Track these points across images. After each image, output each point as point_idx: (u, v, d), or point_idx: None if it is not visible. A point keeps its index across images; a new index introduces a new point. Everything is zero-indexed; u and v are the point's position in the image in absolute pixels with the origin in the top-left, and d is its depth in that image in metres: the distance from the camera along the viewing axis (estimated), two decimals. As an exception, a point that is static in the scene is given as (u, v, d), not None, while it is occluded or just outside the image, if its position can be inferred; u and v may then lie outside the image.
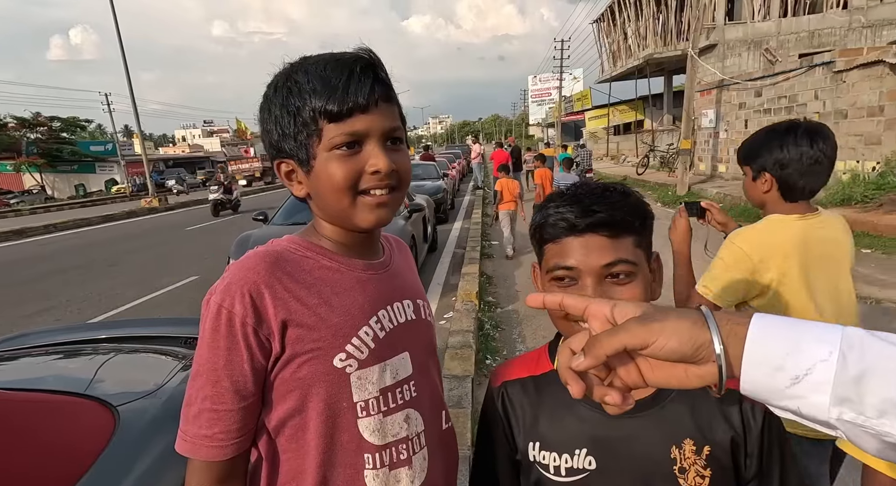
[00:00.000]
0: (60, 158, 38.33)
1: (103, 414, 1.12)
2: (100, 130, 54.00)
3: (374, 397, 0.71)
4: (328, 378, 0.68)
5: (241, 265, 0.67)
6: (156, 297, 6.20)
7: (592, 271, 0.66)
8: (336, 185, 0.67)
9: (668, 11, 20.00)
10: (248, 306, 0.64)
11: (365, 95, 0.65)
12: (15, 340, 1.79)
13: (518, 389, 0.79)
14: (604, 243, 0.66)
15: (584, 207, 0.67)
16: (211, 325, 0.64)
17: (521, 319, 4.60)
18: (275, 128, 0.68)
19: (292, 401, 0.68)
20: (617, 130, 30.42)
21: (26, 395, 1.07)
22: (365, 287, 0.74)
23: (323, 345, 0.67)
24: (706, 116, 13.83)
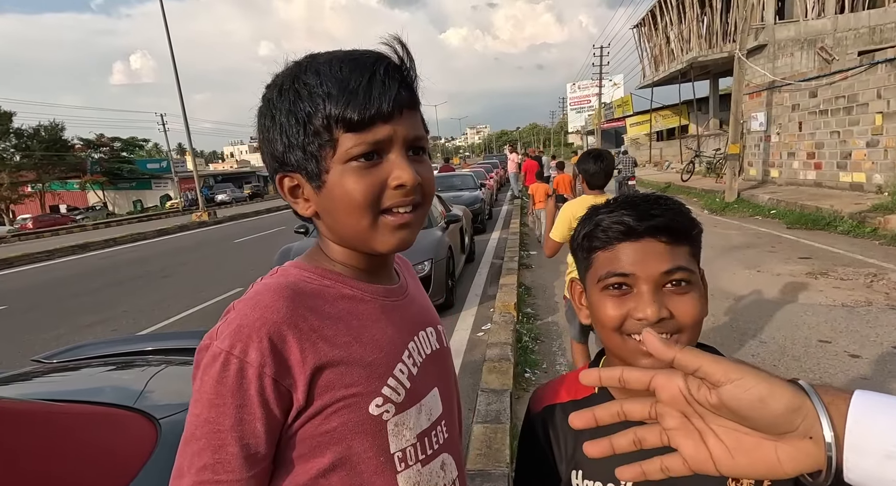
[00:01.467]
0: (120, 175, 40.90)
1: (146, 427, 1.14)
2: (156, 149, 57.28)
3: (411, 444, 0.61)
4: (363, 429, 0.57)
5: (254, 303, 0.55)
6: (204, 307, 6.44)
7: (651, 277, 0.62)
8: (354, 202, 0.57)
9: (712, 13, 19.40)
10: (266, 353, 0.53)
11: (389, 102, 0.56)
12: (70, 351, 1.88)
13: (560, 414, 0.75)
14: (662, 248, 0.63)
15: (641, 212, 0.64)
16: (215, 377, 0.52)
17: (562, 331, 4.49)
18: (279, 137, 0.58)
19: (319, 460, 0.57)
20: (660, 135, 29.61)
21: (75, 407, 1.11)
22: (391, 317, 0.64)
23: (357, 391, 0.57)
24: (756, 119, 13.24)
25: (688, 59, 20.30)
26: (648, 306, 0.61)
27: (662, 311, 0.61)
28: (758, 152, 13.75)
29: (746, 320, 4.26)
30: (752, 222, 9.19)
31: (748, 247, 7.06)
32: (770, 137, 13.01)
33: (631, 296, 0.63)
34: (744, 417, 0.36)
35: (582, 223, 0.70)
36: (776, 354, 3.56)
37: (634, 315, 0.62)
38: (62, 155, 37.31)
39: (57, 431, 1.00)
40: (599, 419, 0.43)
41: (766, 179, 13.33)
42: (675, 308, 0.62)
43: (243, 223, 19.33)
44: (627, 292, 0.64)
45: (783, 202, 9.80)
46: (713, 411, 0.38)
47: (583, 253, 0.70)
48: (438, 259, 5.08)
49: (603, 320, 0.65)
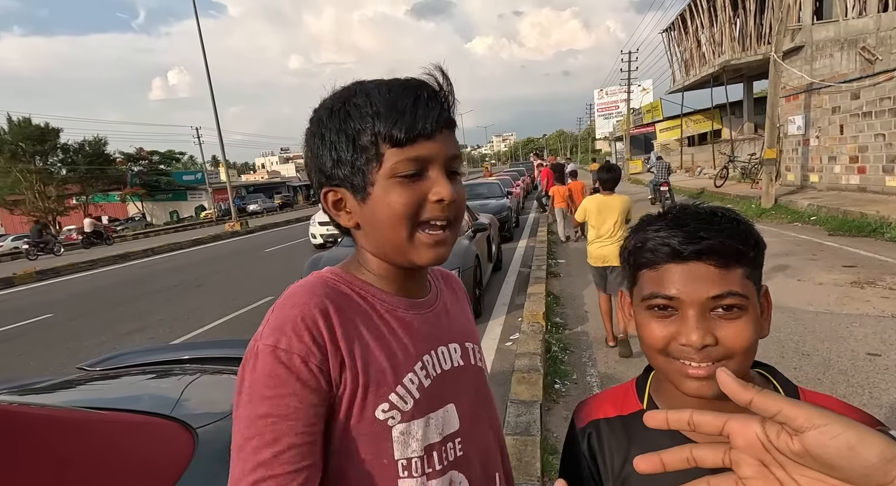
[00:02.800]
0: (158, 187, 42.46)
1: (184, 436, 1.17)
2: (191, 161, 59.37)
3: (417, 455, 0.63)
4: (369, 431, 0.60)
5: (292, 302, 0.60)
6: (237, 315, 6.59)
7: (697, 302, 0.59)
8: (396, 213, 0.61)
9: (745, 15, 18.93)
10: (309, 343, 0.57)
11: (432, 122, 0.61)
12: (112, 359, 1.95)
13: (606, 429, 0.72)
14: (711, 272, 0.59)
15: (689, 232, 0.60)
16: (266, 372, 0.56)
17: (592, 341, 4.40)
18: (328, 153, 0.63)
19: (339, 456, 0.61)
20: (691, 140, 28.96)
21: (118, 415, 1.14)
22: (409, 329, 0.67)
23: (367, 394, 0.60)
24: (793, 122, 12.82)
25: (720, 63, 19.82)
26: (693, 331, 0.58)
27: (707, 338, 0.58)
28: (796, 157, 13.27)
29: (787, 332, 4.09)
30: (791, 229, 8.86)
31: (787, 255, 6.80)
32: (809, 140, 12.55)
33: (676, 318, 0.61)
34: (831, 466, 0.33)
35: (630, 237, 0.67)
36: (820, 367, 3.40)
37: (678, 340, 0.60)
38: (104, 168, 39.03)
39: (101, 439, 1.03)
40: (668, 464, 0.40)
41: (805, 184, 12.84)
42: (723, 335, 0.59)
43: (274, 233, 19.76)
44: (672, 314, 0.61)
45: (824, 208, 9.42)
46: (795, 459, 0.35)
47: (630, 268, 0.67)
48: (465, 268, 5.07)
49: (647, 340, 0.63)
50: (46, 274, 12.66)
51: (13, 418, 0.89)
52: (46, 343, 6.22)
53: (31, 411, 0.96)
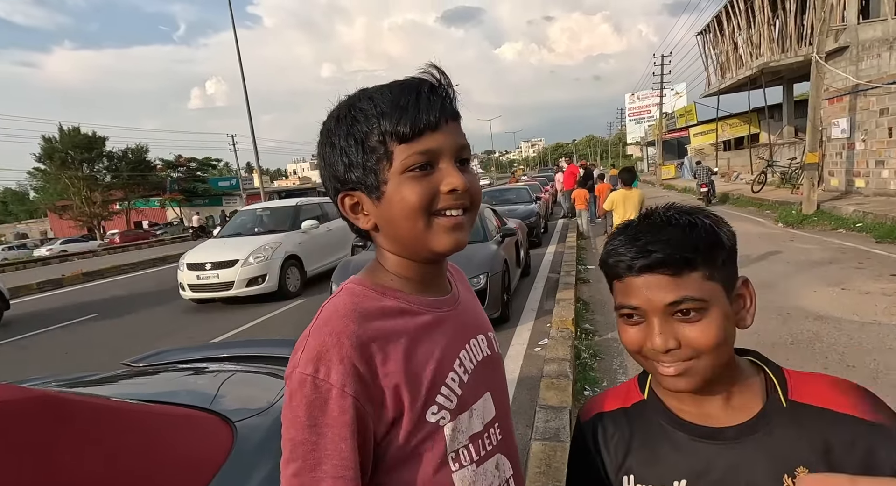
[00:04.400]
0: (195, 193, 43.90)
1: (223, 429, 1.21)
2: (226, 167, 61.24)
3: (463, 446, 0.66)
4: (422, 434, 0.63)
5: (328, 329, 0.60)
6: (268, 318, 6.75)
7: (656, 310, 0.64)
8: (411, 207, 0.63)
9: (785, 15, 18.36)
10: (346, 374, 0.58)
11: (435, 113, 0.63)
12: (155, 356, 2.03)
13: (609, 421, 0.76)
14: (664, 281, 0.63)
15: (639, 248, 0.64)
16: (304, 401, 0.58)
17: (622, 348, 4.29)
18: (340, 159, 0.65)
19: (390, 465, 0.63)
20: (727, 145, 28.16)
21: (162, 407, 1.20)
22: (444, 328, 0.69)
23: (415, 401, 0.62)
24: (837, 125, 12.32)
25: (758, 65, 19.25)
26: (656, 337, 0.63)
27: (670, 342, 0.63)
28: (840, 161, 12.74)
29: (830, 342, 3.92)
30: (835, 236, 8.49)
31: (831, 262, 6.52)
32: (854, 144, 12.03)
33: (643, 325, 0.66)
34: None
35: (604, 246, 0.72)
36: (867, 380, 3.24)
37: (646, 345, 0.65)
38: (146, 175, 40.67)
39: (147, 429, 1.08)
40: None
41: (850, 189, 12.30)
42: (686, 337, 0.63)
43: (305, 237, 20.12)
44: (640, 321, 0.66)
45: (871, 214, 8.99)
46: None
47: (605, 277, 0.72)
48: (494, 273, 5.06)
49: (624, 344, 0.69)
50: (92, 276, 13.26)
51: (66, 406, 0.94)
52: (90, 342, 6.51)
53: (84, 399, 1.01)
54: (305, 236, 8.64)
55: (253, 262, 7.55)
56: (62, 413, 0.92)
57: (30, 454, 0.82)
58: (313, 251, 8.67)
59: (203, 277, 7.62)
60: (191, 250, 8.21)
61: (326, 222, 9.27)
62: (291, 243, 8.26)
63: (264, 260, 7.63)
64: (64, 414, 0.92)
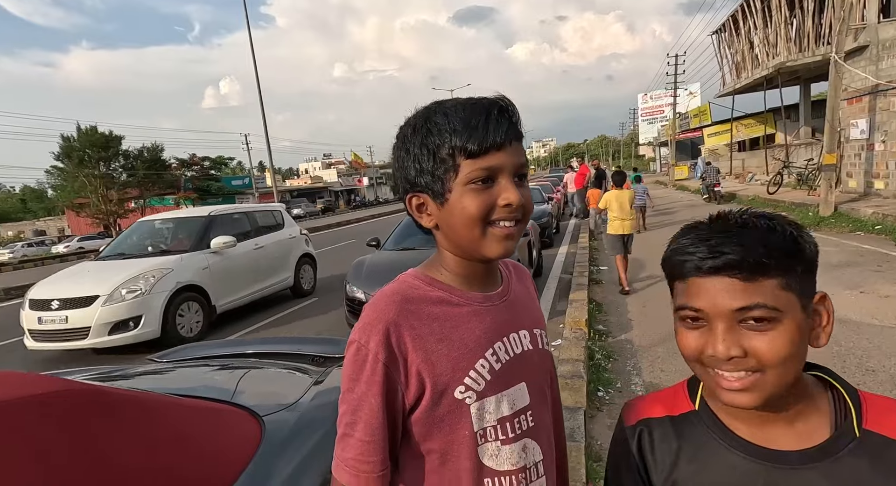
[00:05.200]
0: (209, 192, 44.38)
1: (252, 422, 1.25)
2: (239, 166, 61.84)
3: (492, 426, 0.74)
4: (450, 409, 0.72)
5: (374, 306, 0.73)
6: (283, 316, 6.82)
7: (722, 315, 0.59)
8: (470, 216, 0.70)
9: (803, 14, 18.08)
10: (380, 344, 0.69)
11: (502, 134, 0.70)
12: (180, 352, 2.08)
13: (656, 428, 0.73)
14: (735, 285, 0.59)
15: (710, 247, 0.60)
16: (351, 359, 0.71)
17: (636, 350, 4.31)
18: (412, 164, 0.73)
19: (423, 433, 0.73)
20: (742, 146, 27.80)
21: (192, 401, 1.23)
22: (482, 320, 0.77)
23: (445, 379, 0.72)
24: (856, 126, 12.12)
25: (774, 65, 18.98)
26: (719, 343, 0.59)
27: (734, 350, 0.58)
28: (859, 162, 12.53)
29: (849, 346, 3.87)
30: (853, 239, 8.36)
31: (849, 265, 6.43)
32: (874, 145, 11.83)
33: (705, 330, 0.62)
34: None
35: (669, 244, 0.68)
36: (887, 384, 3.21)
37: (706, 351, 0.61)
38: (161, 174, 41.20)
39: (182, 421, 1.11)
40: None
41: (868, 191, 12.10)
42: (753, 347, 0.58)
43: (316, 236, 20.26)
44: (702, 325, 0.62)
45: (890, 216, 8.84)
46: None
47: (666, 276, 0.69)
48: (507, 273, 5.05)
49: (682, 349, 0.65)
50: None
51: (109, 397, 0.98)
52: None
53: (125, 392, 1.05)
54: (216, 259, 6.26)
55: (122, 297, 5.21)
56: (106, 405, 0.96)
57: (79, 443, 0.86)
58: (228, 278, 6.39)
59: (47, 319, 5.18)
60: (43, 280, 5.82)
61: (257, 237, 7.15)
62: (190, 268, 5.91)
63: (140, 295, 5.29)
64: (108, 406, 0.96)
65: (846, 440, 0.60)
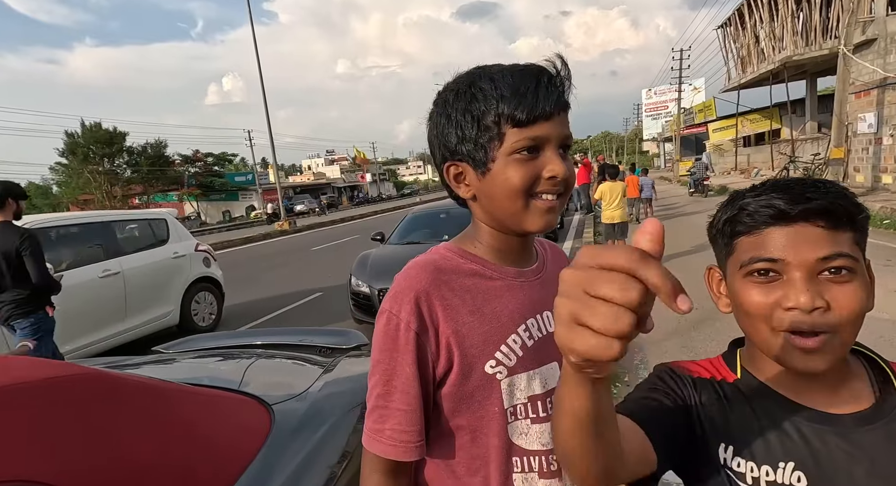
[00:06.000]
0: (212, 188, 44.53)
1: (261, 411, 1.23)
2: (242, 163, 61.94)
3: (522, 403, 0.73)
4: (481, 384, 0.71)
5: (406, 275, 0.72)
6: (287, 311, 6.82)
7: (805, 263, 0.56)
8: (513, 187, 0.67)
9: (810, 8, 17.93)
10: (412, 313, 0.68)
11: (551, 104, 0.66)
12: (185, 343, 2.07)
13: (703, 389, 0.68)
14: (820, 233, 0.56)
15: (796, 194, 0.58)
16: (382, 329, 0.70)
17: (644, 344, 4.28)
18: (454, 131, 0.70)
19: (452, 409, 0.72)
20: (747, 141, 27.67)
21: (201, 389, 1.21)
22: (515, 295, 0.75)
23: (475, 351, 0.70)
24: (864, 120, 12.01)
25: (781, 59, 18.85)
26: (801, 293, 0.55)
27: (818, 300, 0.54)
28: (866, 157, 12.42)
29: (859, 341, 3.83)
30: (861, 234, 8.28)
31: (857, 260, 6.36)
32: (882, 139, 11.72)
33: (780, 283, 0.57)
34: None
35: (723, 209, 0.65)
36: (899, 379, 3.17)
37: (784, 304, 0.56)
38: (164, 170, 41.33)
39: (193, 409, 1.09)
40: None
41: (876, 185, 12.00)
42: (835, 299, 0.55)
43: (320, 232, 20.29)
44: (776, 278, 0.58)
45: (899, 211, 8.77)
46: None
47: (724, 239, 0.64)
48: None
49: (748, 308, 0.60)
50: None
51: (119, 383, 0.96)
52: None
53: (135, 378, 1.03)
54: None
55: None
56: (118, 390, 0.94)
57: (90, 426, 0.84)
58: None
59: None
60: None
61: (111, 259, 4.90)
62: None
63: None
64: (120, 391, 0.94)
65: (893, 402, 0.61)
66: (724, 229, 0.64)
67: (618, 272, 0.34)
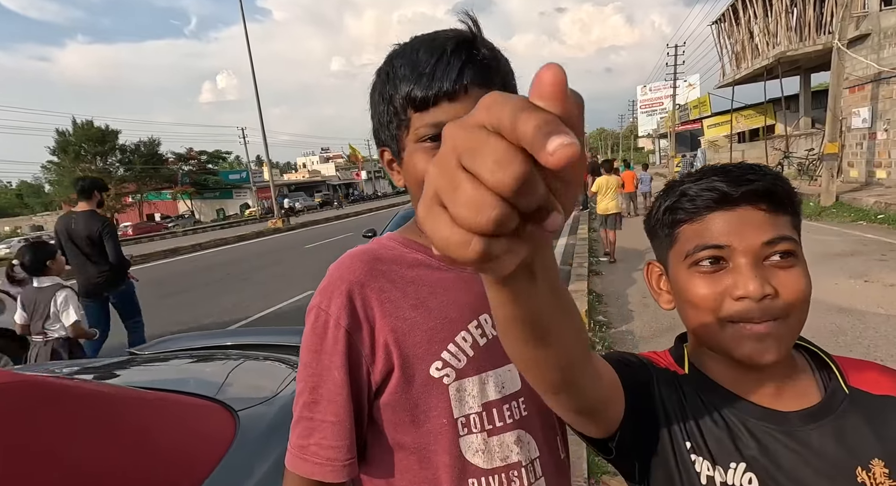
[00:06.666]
0: (206, 186, 44.28)
1: (226, 418, 1.15)
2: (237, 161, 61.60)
3: (475, 412, 0.63)
4: (426, 390, 0.62)
5: (338, 265, 0.64)
6: (279, 308, 6.73)
7: (751, 248, 0.53)
8: (417, 179, 0.59)
9: (803, 3, 17.90)
10: (342, 307, 0.59)
11: (451, 79, 0.55)
12: (161, 344, 1.99)
13: (661, 377, 0.63)
14: (762, 217, 0.54)
15: (735, 177, 0.55)
16: (310, 327, 0.61)
17: (638, 340, 4.23)
18: (375, 116, 0.64)
19: (394, 422, 0.62)
20: (741, 137, 27.71)
21: (160, 395, 1.14)
22: (469, 286, 0.65)
23: (419, 352, 0.61)
24: (858, 115, 12.01)
25: (775, 54, 18.80)
26: (750, 280, 0.52)
27: (766, 287, 0.52)
28: (860, 152, 12.43)
29: (855, 336, 3.79)
30: (856, 228, 8.28)
31: (852, 255, 6.34)
32: (876, 134, 11.72)
33: (727, 271, 0.55)
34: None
35: (662, 197, 0.61)
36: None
37: (733, 293, 0.53)
38: (157, 168, 41.02)
39: (147, 416, 1.02)
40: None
41: (870, 180, 12.01)
42: (781, 284, 0.53)
43: (314, 230, 20.19)
44: (723, 267, 0.55)
45: (893, 206, 8.76)
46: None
47: (664, 229, 0.60)
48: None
49: (695, 300, 0.56)
50: (104, 267, 13.36)
51: (54, 390, 0.88)
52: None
53: (75, 385, 0.96)
54: None
55: None
56: (57, 398, 0.86)
57: (23, 436, 0.77)
58: None
59: None
60: None
61: None
62: None
63: None
64: (59, 399, 0.86)
65: (839, 398, 0.58)
66: (664, 219, 0.60)
67: (501, 137, 0.23)
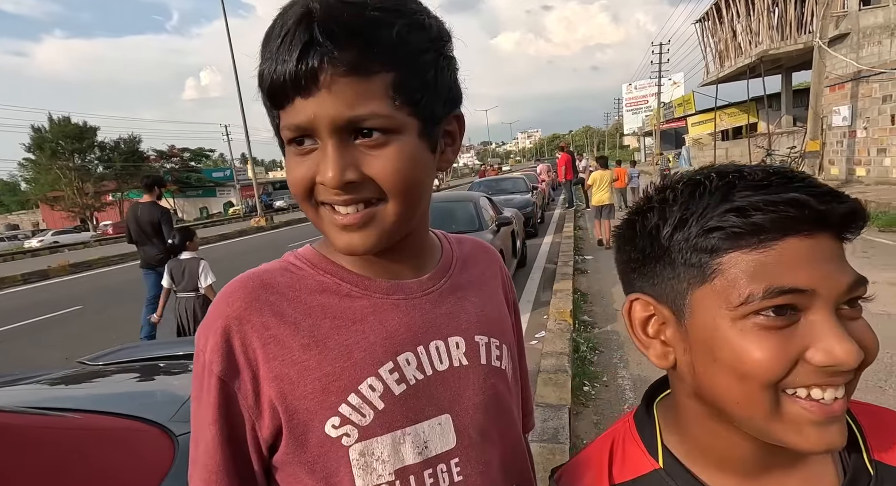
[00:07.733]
0: (189, 184, 43.55)
1: (164, 443, 1.02)
2: (221, 158, 60.63)
3: (386, 482, 0.50)
4: (322, 451, 0.49)
5: (222, 293, 0.51)
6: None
7: (836, 295, 0.38)
8: (293, 191, 0.49)
9: (784, 3, 18.09)
10: (216, 350, 0.48)
11: (291, 67, 0.42)
12: (114, 353, 1.84)
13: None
14: (837, 250, 0.39)
15: (817, 191, 0.38)
16: (195, 372, 0.51)
17: (623, 340, 4.16)
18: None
19: (291, 482, 0.51)
20: (725, 135, 28.03)
21: (82, 421, 1.01)
22: (384, 320, 0.52)
23: (310, 405, 0.48)
24: (838, 113, 12.15)
25: (757, 53, 19.00)
26: (837, 341, 0.36)
27: (859, 351, 0.37)
28: (841, 149, 12.59)
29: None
30: (837, 226, 8.35)
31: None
32: (855, 132, 11.88)
33: (798, 327, 0.38)
34: None
35: (684, 207, 0.41)
36: (882, 373, 3.09)
37: (813, 359, 0.37)
38: (139, 165, 40.21)
39: (64, 448, 0.89)
40: None
41: (850, 178, 12.17)
42: (862, 340, 0.38)
43: (297, 228, 19.93)
44: (793, 319, 0.38)
45: (873, 203, 8.87)
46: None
47: (689, 255, 0.41)
48: (490, 263, 4.88)
49: (750, 366, 0.38)
50: (79, 267, 13.00)
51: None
52: (74, 334, 6.31)
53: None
54: None
55: None
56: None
57: None
58: None
59: None
60: None
61: None
62: None
63: None
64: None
65: (864, 483, 0.44)
66: (696, 243, 0.40)
67: None
